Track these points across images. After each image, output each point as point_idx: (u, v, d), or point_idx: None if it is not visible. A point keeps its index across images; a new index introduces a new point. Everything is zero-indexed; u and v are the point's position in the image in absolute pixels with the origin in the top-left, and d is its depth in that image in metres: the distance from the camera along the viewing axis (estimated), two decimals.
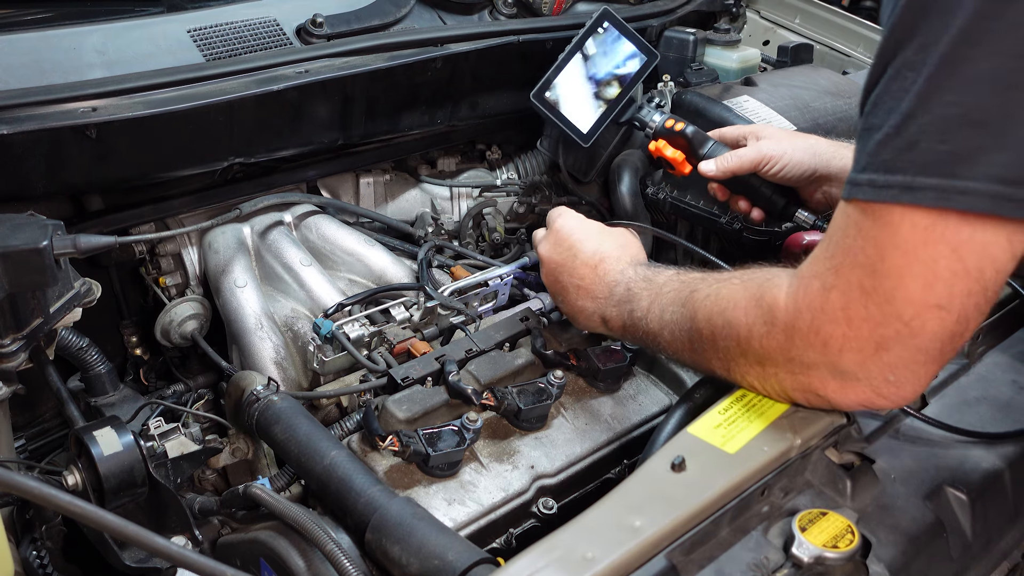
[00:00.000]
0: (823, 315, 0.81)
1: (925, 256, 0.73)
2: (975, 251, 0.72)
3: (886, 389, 0.82)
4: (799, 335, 0.84)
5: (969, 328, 0.78)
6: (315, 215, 1.61)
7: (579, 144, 1.59)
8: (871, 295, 0.77)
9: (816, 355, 0.83)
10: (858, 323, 0.78)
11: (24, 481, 0.68)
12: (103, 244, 1.06)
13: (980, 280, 0.74)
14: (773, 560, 0.86)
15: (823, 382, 0.85)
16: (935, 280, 0.73)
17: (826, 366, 0.83)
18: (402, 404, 1.14)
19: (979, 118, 0.68)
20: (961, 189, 0.69)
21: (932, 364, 0.80)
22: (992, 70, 0.67)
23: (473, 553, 0.87)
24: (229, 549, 1.05)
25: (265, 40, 1.51)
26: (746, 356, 0.92)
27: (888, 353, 0.79)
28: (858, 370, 0.81)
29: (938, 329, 0.76)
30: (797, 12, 2.24)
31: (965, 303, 0.75)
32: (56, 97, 1.24)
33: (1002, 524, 1.01)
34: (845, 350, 0.81)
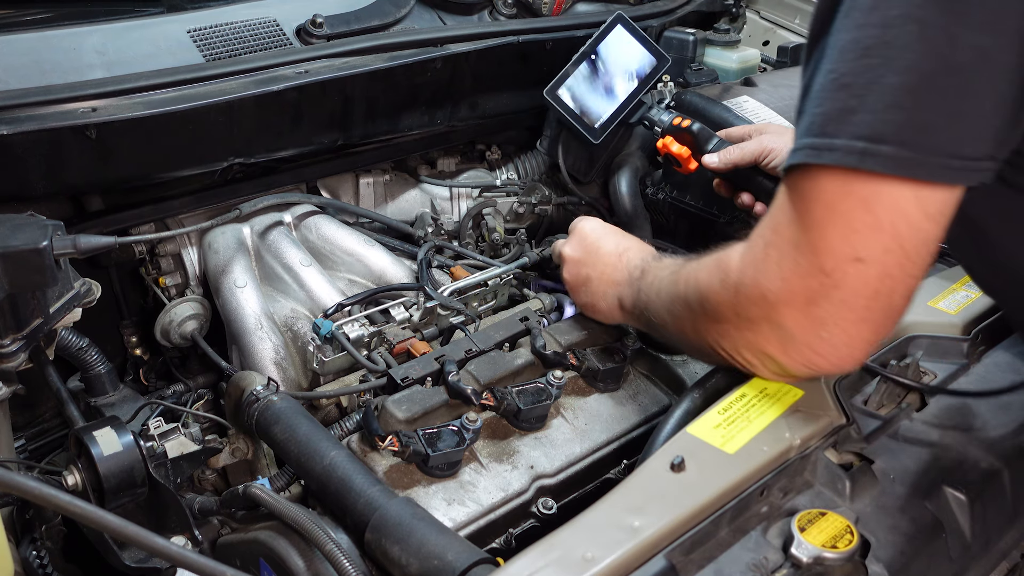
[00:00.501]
0: (763, 271, 0.86)
1: (842, 209, 0.79)
2: (884, 205, 0.77)
3: (821, 347, 0.85)
4: (743, 290, 0.89)
5: (895, 290, 0.82)
6: (315, 215, 1.61)
7: (589, 141, 1.61)
8: (799, 248, 0.82)
9: (758, 310, 0.88)
10: (790, 276, 0.83)
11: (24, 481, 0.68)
12: (103, 244, 1.06)
13: (895, 236, 0.78)
14: (772, 560, 0.86)
15: (767, 339, 0.90)
16: (851, 232, 0.79)
17: (767, 322, 0.88)
18: (402, 404, 1.14)
19: (846, 81, 0.76)
20: (829, 147, 0.77)
21: (862, 323, 0.83)
22: (855, 38, 0.75)
23: (473, 553, 0.87)
24: (229, 549, 1.05)
25: (265, 40, 1.51)
26: (706, 315, 0.96)
27: (816, 308, 0.83)
28: (794, 326, 0.86)
29: (858, 283, 0.80)
30: (797, 12, 2.24)
31: (884, 259, 0.79)
32: (56, 97, 1.24)
33: (1001, 524, 1.02)
34: (780, 304, 0.85)
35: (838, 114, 0.77)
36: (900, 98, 0.74)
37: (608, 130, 1.63)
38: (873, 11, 0.74)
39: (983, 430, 1.08)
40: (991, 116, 0.75)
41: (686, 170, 1.49)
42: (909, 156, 0.75)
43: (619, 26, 1.63)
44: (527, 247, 1.74)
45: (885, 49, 0.74)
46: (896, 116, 0.74)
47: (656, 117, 1.56)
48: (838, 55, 0.77)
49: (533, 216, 1.86)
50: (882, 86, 0.74)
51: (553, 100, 1.61)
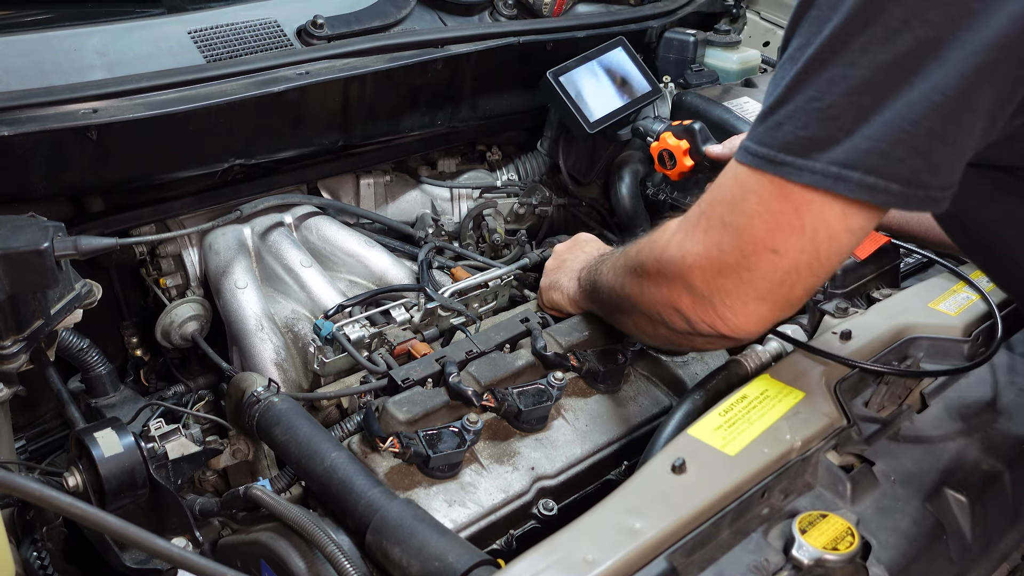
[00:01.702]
0: (689, 236, 0.96)
1: (774, 208, 0.87)
2: (813, 214, 0.85)
3: (724, 312, 0.94)
4: (668, 250, 0.98)
5: (798, 283, 0.90)
6: (315, 216, 1.61)
7: (583, 131, 1.61)
8: (726, 227, 0.91)
9: (675, 268, 0.97)
10: (710, 247, 0.93)
11: (25, 482, 0.68)
12: (104, 245, 1.05)
13: (814, 240, 0.87)
14: (773, 562, 0.86)
15: (679, 295, 0.98)
16: (776, 228, 0.87)
17: (680, 279, 0.97)
18: (402, 405, 1.14)
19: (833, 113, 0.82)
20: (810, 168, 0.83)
21: (760, 302, 0.92)
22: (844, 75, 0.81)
23: (473, 555, 0.87)
24: (229, 550, 1.05)
25: (266, 41, 1.51)
26: (635, 272, 1.07)
27: (725, 279, 0.92)
28: (703, 288, 0.95)
29: (768, 270, 0.89)
30: None
31: (797, 257, 0.88)
32: (57, 99, 1.25)
33: (1002, 526, 1.02)
34: (695, 268, 0.94)
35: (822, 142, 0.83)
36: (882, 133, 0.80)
37: (603, 126, 1.64)
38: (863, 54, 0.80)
39: (984, 432, 1.08)
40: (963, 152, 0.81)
41: (679, 169, 1.48)
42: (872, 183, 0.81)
43: (619, 48, 1.73)
44: (528, 248, 1.75)
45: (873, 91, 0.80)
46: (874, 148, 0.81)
47: (650, 126, 1.59)
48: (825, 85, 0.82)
49: (534, 217, 1.86)
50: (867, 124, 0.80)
51: (555, 83, 1.62)
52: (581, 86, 1.66)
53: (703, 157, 1.44)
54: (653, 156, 1.52)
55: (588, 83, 1.67)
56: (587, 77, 1.67)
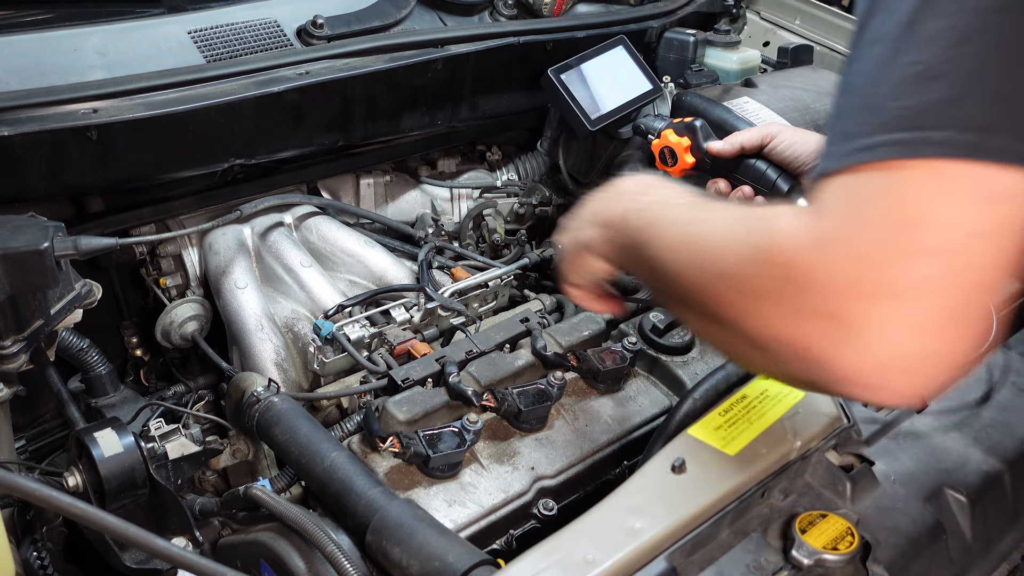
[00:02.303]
0: (842, 251, 0.66)
1: (958, 185, 0.65)
2: (1000, 183, 0.64)
3: (899, 362, 0.66)
4: (805, 275, 0.67)
5: (999, 284, 0.67)
6: (315, 216, 1.61)
7: (584, 128, 1.62)
8: (906, 225, 0.65)
9: (822, 301, 0.67)
10: (892, 259, 0.65)
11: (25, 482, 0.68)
12: (104, 245, 1.05)
13: (1011, 215, 0.65)
14: (773, 562, 0.86)
15: (818, 344, 0.67)
16: (978, 204, 0.65)
17: (830, 320, 0.67)
18: (402, 405, 1.14)
19: (940, 71, 0.66)
20: (927, 140, 0.65)
21: (967, 326, 0.67)
22: (946, 27, 0.66)
23: (473, 555, 0.87)
24: (229, 550, 1.05)
25: (266, 41, 1.51)
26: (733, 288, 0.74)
27: (929, 299, 0.64)
28: (877, 327, 0.65)
29: (988, 260, 0.65)
30: (797, 13, 2.24)
31: (1009, 233, 0.65)
32: (57, 99, 1.24)
33: (1002, 526, 1.02)
34: (867, 296, 0.65)
35: (935, 106, 0.66)
36: (1006, 87, 0.65)
37: (604, 124, 1.64)
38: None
39: (984, 432, 1.08)
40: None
41: (680, 166, 1.47)
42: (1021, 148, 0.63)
43: (620, 47, 1.72)
44: (528, 248, 1.75)
45: (985, 37, 0.65)
46: (1004, 105, 0.65)
47: (651, 124, 1.57)
48: (925, 44, 0.66)
49: (534, 217, 1.86)
50: (986, 76, 0.65)
51: (556, 81, 1.62)
52: (582, 84, 1.66)
53: (704, 154, 1.43)
54: (654, 154, 1.51)
55: (589, 81, 1.67)
56: (588, 75, 1.67)
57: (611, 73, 1.69)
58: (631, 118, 1.66)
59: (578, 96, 1.63)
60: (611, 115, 1.64)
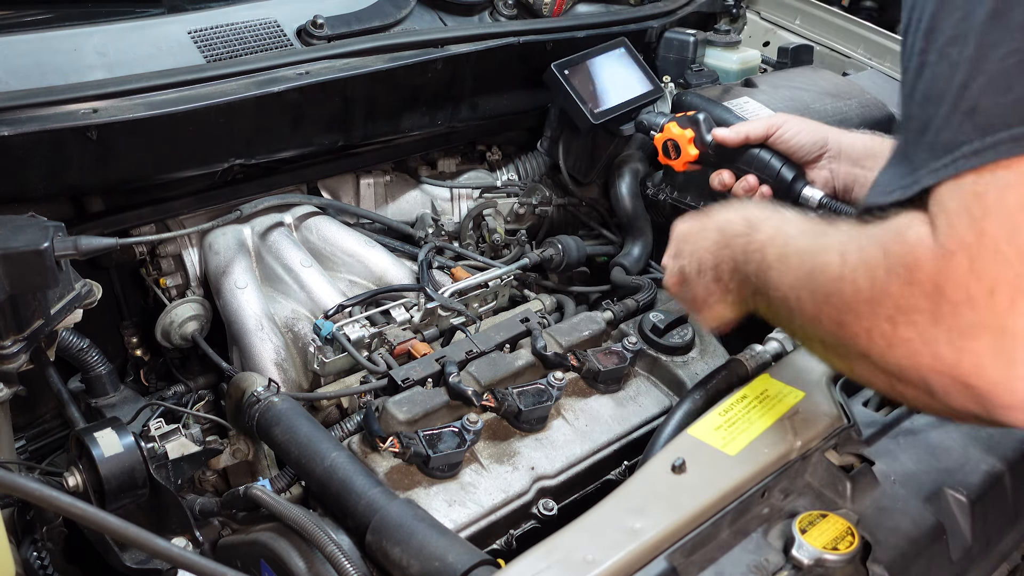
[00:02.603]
0: (986, 252, 0.61)
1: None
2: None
3: None
4: (952, 285, 0.62)
5: None
6: (315, 216, 1.61)
7: (587, 122, 1.61)
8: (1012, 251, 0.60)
9: (975, 314, 0.61)
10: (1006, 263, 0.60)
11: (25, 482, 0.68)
12: (104, 245, 1.06)
13: None
14: (773, 562, 0.86)
15: (978, 361, 0.62)
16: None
17: (989, 332, 0.61)
18: (402, 405, 1.14)
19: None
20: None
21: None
22: None
23: (473, 555, 0.87)
24: (230, 550, 1.05)
25: (266, 41, 1.51)
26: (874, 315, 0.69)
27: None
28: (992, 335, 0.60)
29: None
30: (797, 13, 2.24)
31: None
32: (57, 99, 1.24)
33: (1002, 526, 1.02)
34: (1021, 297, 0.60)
35: None
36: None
37: (606, 119, 1.63)
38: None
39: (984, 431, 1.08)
40: None
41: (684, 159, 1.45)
42: None
43: (622, 48, 1.73)
44: (528, 248, 1.74)
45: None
46: None
47: (653, 119, 1.54)
48: (1019, 32, 0.62)
49: (534, 217, 1.86)
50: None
51: (559, 75, 1.62)
52: (584, 80, 1.65)
53: (708, 146, 1.42)
54: (657, 147, 1.50)
55: (591, 78, 1.67)
56: (590, 72, 1.67)
57: (613, 72, 1.70)
58: (631, 117, 1.65)
59: (581, 91, 1.63)
60: (613, 111, 1.64)
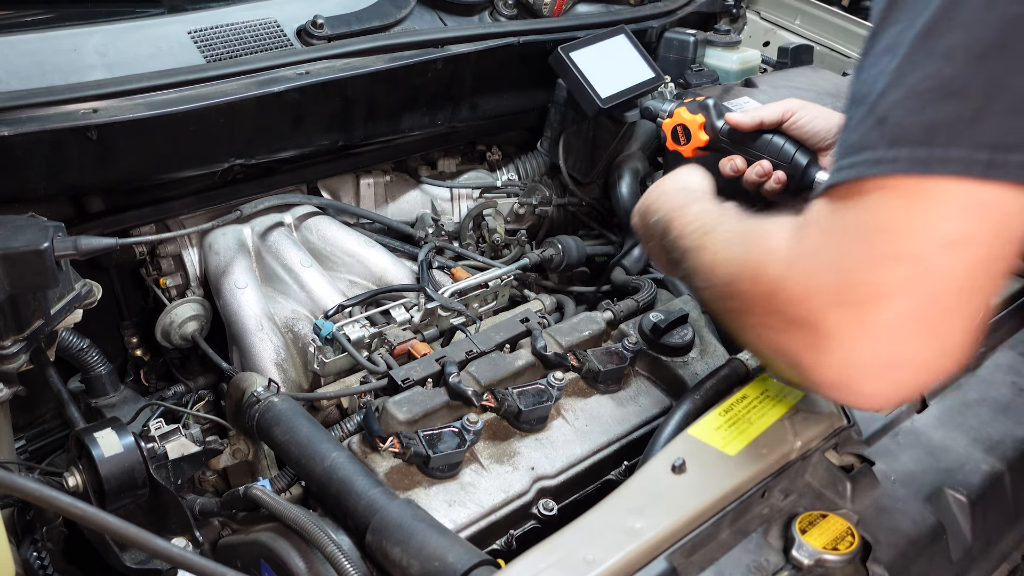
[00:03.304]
0: (817, 263, 0.71)
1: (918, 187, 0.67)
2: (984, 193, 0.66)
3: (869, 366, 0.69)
4: (787, 285, 0.73)
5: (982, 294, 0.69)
6: (315, 216, 1.61)
7: (595, 105, 1.61)
8: (874, 231, 0.68)
9: (800, 309, 0.72)
10: (852, 268, 0.69)
11: (25, 483, 0.68)
12: (104, 246, 1.06)
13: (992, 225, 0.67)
14: (773, 562, 0.86)
15: (796, 343, 0.73)
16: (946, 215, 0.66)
17: (808, 326, 0.71)
18: (402, 405, 1.14)
19: (956, 87, 0.66)
20: (942, 158, 0.66)
21: (936, 333, 0.68)
22: (966, 41, 0.66)
23: (473, 555, 0.87)
24: (229, 550, 1.05)
25: (266, 41, 1.51)
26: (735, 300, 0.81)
27: (891, 304, 0.67)
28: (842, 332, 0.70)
29: (959, 270, 0.67)
30: (797, 13, 2.24)
31: (990, 243, 0.67)
32: (57, 99, 1.24)
33: (1002, 526, 1.02)
34: (833, 304, 0.70)
35: (951, 123, 0.66)
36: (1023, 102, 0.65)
37: (614, 103, 1.62)
38: (990, 8, 0.65)
39: (984, 431, 1.08)
40: None
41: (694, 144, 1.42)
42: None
43: (622, 35, 1.71)
44: (528, 248, 1.75)
45: (1007, 52, 0.65)
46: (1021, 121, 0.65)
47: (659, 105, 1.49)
48: (942, 59, 0.67)
49: (534, 217, 1.86)
50: (1005, 91, 0.65)
51: (567, 58, 1.61)
52: (590, 64, 1.64)
53: (718, 132, 1.40)
54: (666, 133, 1.47)
55: (595, 63, 1.66)
56: (594, 57, 1.66)
57: (616, 58, 1.69)
58: (633, 104, 1.64)
59: (588, 74, 1.63)
60: (621, 95, 1.64)
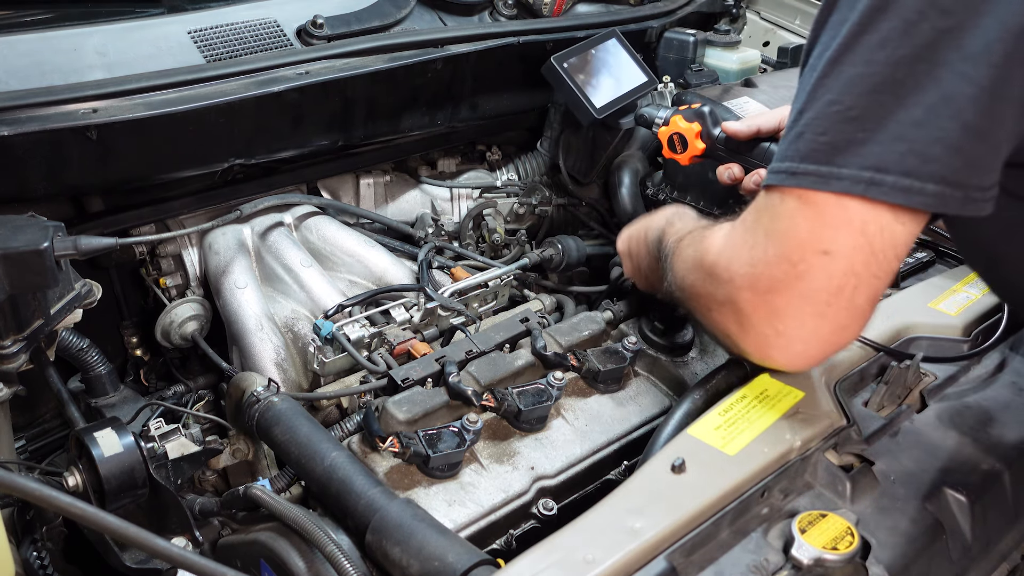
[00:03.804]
0: (736, 255, 0.90)
1: (819, 205, 0.81)
2: (862, 211, 0.79)
3: (776, 338, 0.87)
4: (715, 271, 0.93)
5: (859, 289, 0.83)
6: (315, 216, 1.61)
7: (590, 115, 1.60)
8: (770, 237, 0.85)
9: (724, 292, 0.91)
10: (757, 262, 0.86)
11: (25, 482, 0.68)
12: (104, 245, 1.06)
13: (865, 234, 0.80)
14: (773, 562, 0.86)
15: (728, 320, 0.92)
16: (822, 226, 0.81)
17: (730, 304, 0.90)
18: (402, 405, 1.14)
19: (853, 115, 0.78)
20: (836, 175, 0.79)
21: (820, 319, 0.84)
22: (863, 74, 0.78)
23: (473, 555, 0.87)
24: (229, 550, 1.05)
25: (266, 41, 1.51)
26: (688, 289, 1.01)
27: (776, 296, 0.85)
28: (752, 313, 0.88)
29: (822, 276, 0.82)
30: (797, 13, 2.24)
31: (852, 256, 0.81)
32: (57, 98, 1.24)
33: (1002, 526, 1.02)
34: (743, 288, 0.88)
35: (846, 145, 0.79)
36: (907, 132, 0.77)
37: (609, 112, 1.61)
38: (882, 48, 0.77)
39: (984, 431, 1.08)
40: (999, 146, 0.77)
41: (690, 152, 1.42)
42: (908, 184, 0.77)
43: (613, 39, 1.70)
44: (527, 248, 1.75)
45: (895, 87, 0.77)
46: (902, 148, 0.77)
47: (654, 112, 1.51)
48: (844, 87, 0.79)
49: (533, 217, 1.86)
50: (892, 123, 0.77)
51: (560, 69, 1.60)
52: (583, 73, 1.64)
53: (714, 140, 1.40)
54: (662, 141, 1.47)
55: (589, 71, 1.65)
56: (587, 65, 1.65)
57: (609, 64, 1.68)
58: (628, 110, 1.64)
59: (582, 84, 1.62)
60: (615, 103, 1.63)
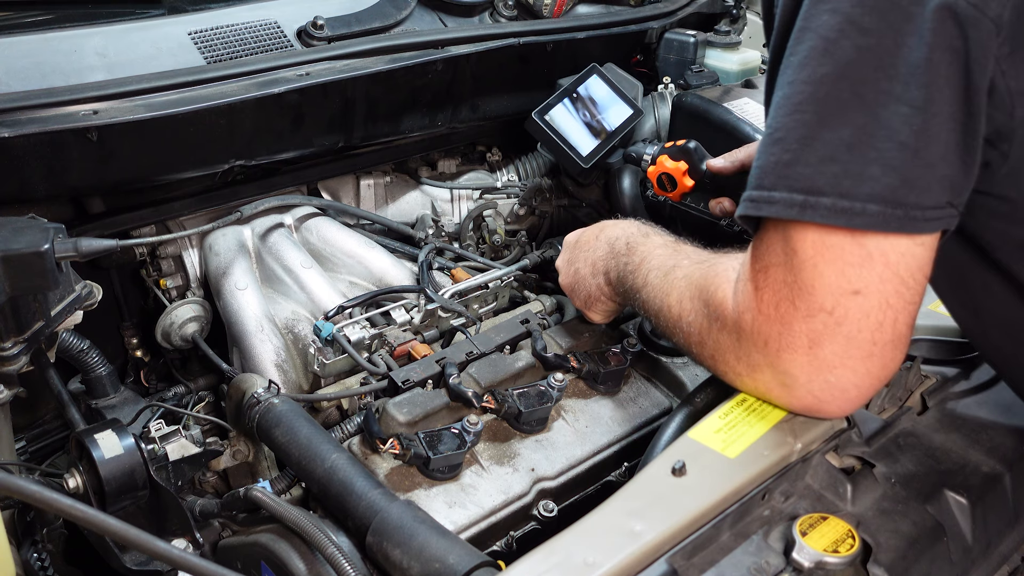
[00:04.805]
0: (760, 315, 0.84)
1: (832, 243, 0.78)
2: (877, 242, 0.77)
3: (828, 391, 0.84)
4: (744, 336, 0.87)
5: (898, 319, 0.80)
6: (316, 217, 1.61)
7: (578, 166, 1.59)
8: (794, 288, 0.81)
9: (760, 357, 0.86)
10: (790, 320, 0.82)
11: (25, 484, 0.68)
12: (104, 247, 1.05)
13: (888, 265, 0.78)
14: (774, 564, 0.86)
15: (769, 384, 0.89)
16: (846, 266, 0.78)
17: (770, 368, 0.86)
18: (403, 407, 1.14)
19: (779, 136, 0.78)
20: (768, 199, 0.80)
21: (869, 359, 0.81)
22: (787, 95, 0.77)
23: (474, 557, 0.87)
24: (230, 552, 1.05)
25: (266, 42, 1.51)
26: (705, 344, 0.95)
27: (822, 348, 0.81)
28: (799, 372, 0.84)
29: (860, 315, 0.79)
30: None
31: (882, 288, 0.79)
32: (57, 100, 1.25)
33: (1002, 527, 1.01)
34: (783, 349, 0.83)
35: (774, 168, 0.78)
36: (838, 153, 0.75)
37: (596, 158, 1.60)
38: (802, 68, 0.75)
39: (984, 433, 1.08)
40: (938, 164, 0.75)
41: (680, 190, 1.45)
42: (848, 206, 0.76)
43: (594, 75, 1.66)
44: (528, 249, 1.75)
45: (816, 105, 0.75)
46: (835, 169, 0.75)
47: (642, 151, 1.53)
48: (773, 111, 0.79)
49: (534, 218, 1.86)
50: (817, 142, 0.75)
51: (542, 123, 1.58)
52: (566, 121, 1.62)
53: (704, 174, 1.42)
54: (651, 181, 1.49)
55: (572, 117, 1.63)
56: (570, 111, 1.63)
57: (591, 104, 1.66)
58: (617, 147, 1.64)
59: (565, 135, 1.60)
60: (600, 148, 1.61)
